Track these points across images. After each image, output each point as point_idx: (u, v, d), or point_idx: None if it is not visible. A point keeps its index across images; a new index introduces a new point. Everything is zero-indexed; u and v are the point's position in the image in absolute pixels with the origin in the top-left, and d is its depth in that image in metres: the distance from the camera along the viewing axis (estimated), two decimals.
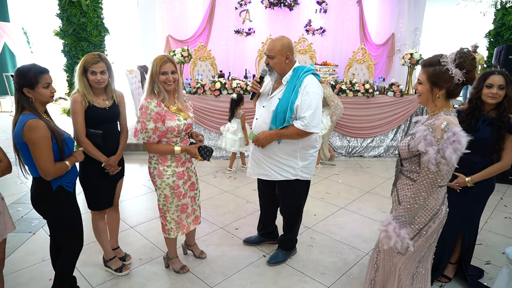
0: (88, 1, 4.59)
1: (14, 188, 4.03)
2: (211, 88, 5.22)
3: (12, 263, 2.71)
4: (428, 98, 1.65)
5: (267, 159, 2.48)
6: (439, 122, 1.52)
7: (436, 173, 1.52)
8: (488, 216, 3.64)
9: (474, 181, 2.20)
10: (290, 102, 2.30)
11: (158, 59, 2.18)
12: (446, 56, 1.56)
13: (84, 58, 2.25)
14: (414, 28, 8.48)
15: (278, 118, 2.33)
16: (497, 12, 6.71)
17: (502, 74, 2.15)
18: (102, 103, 2.31)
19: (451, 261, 2.53)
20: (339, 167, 5.06)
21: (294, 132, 2.31)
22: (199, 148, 2.30)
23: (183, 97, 2.39)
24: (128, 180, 4.46)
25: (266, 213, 2.93)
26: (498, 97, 2.13)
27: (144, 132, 2.17)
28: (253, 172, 2.61)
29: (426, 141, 1.51)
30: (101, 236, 2.57)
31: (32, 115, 1.83)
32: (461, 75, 1.54)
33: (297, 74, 2.36)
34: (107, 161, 2.33)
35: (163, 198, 2.37)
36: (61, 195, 1.98)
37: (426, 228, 1.66)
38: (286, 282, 2.55)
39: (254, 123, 2.50)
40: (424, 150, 1.51)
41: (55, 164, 1.88)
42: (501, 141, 2.14)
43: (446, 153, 1.46)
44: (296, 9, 8.05)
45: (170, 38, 8.01)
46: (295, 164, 2.46)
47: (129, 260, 2.75)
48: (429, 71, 1.61)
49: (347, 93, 5.31)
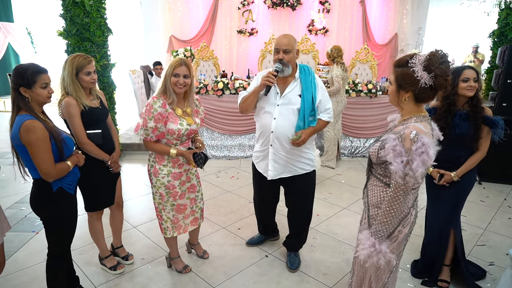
0: (92, 1, 4.60)
1: (18, 187, 4.05)
2: (214, 88, 5.23)
3: (16, 263, 2.72)
4: (395, 99, 1.61)
5: (291, 156, 2.44)
6: (408, 131, 1.45)
7: (403, 185, 1.47)
8: (491, 217, 3.62)
9: (460, 175, 2.31)
10: (312, 97, 2.36)
11: (174, 61, 2.20)
12: (417, 57, 1.48)
13: (72, 60, 2.19)
14: (417, 28, 8.47)
15: (306, 114, 2.34)
16: (501, 12, 6.66)
17: (473, 68, 2.26)
18: (92, 103, 2.32)
19: (446, 263, 2.52)
20: (342, 168, 5.05)
21: (323, 125, 2.44)
22: (194, 154, 2.29)
23: (194, 101, 2.38)
24: (131, 179, 4.47)
25: (267, 209, 2.86)
26: (474, 89, 2.24)
27: (143, 129, 2.19)
28: (276, 173, 2.49)
29: (395, 151, 1.44)
30: (98, 236, 2.58)
31: (29, 116, 1.79)
32: (429, 79, 1.45)
33: (305, 70, 2.43)
34: (111, 158, 2.36)
35: (158, 196, 2.38)
36: (62, 197, 1.95)
37: (397, 233, 1.60)
38: (288, 282, 2.55)
39: (274, 123, 2.36)
40: (393, 161, 1.45)
41: (56, 165, 1.85)
42: (478, 132, 2.25)
43: (413, 165, 1.40)
44: (299, 9, 8.06)
45: (173, 38, 8.03)
46: (311, 155, 2.53)
47: (131, 259, 2.74)
48: (397, 72, 1.55)
49: (350, 93, 5.30)
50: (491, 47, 7.09)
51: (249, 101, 2.43)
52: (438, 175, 2.35)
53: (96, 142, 2.29)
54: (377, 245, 1.55)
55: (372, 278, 1.73)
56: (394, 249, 1.64)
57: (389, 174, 1.57)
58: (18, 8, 10.58)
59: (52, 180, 1.88)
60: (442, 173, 2.34)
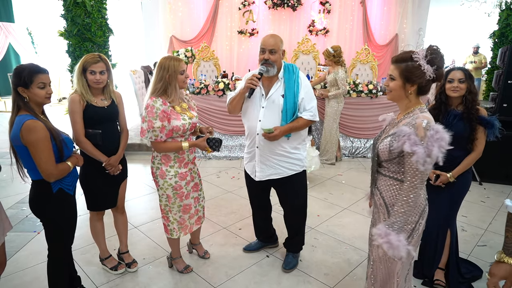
0: (93, 1, 4.61)
1: (19, 187, 4.05)
2: (215, 88, 5.23)
3: (17, 262, 2.73)
4: (400, 94, 1.65)
5: (276, 157, 2.44)
6: (419, 121, 1.52)
7: (423, 172, 1.52)
8: (492, 217, 3.62)
9: (456, 175, 2.32)
10: (295, 96, 2.34)
11: (175, 60, 2.22)
12: (417, 52, 1.57)
13: (84, 58, 2.24)
14: (417, 28, 8.47)
15: (288, 114, 2.34)
16: (502, 13, 6.68)
17: (462, 70, 2.30)
18: (101, 102, 2.31)
19: (440, 266, 2.52)
20: (342, 168, 5.05)
21: (304, 124, 2.38)
22: (208, 140, 2.30)
23: (184, 97, 2.41)
24: (132, 180, 4.47)
25: (263, 217, 2.86)
26: (460, 90, 2.26)
27: (151, 131, 2.17)
28: (263, 174, 2.50)
29: (410, 141, 1.49)
30: (98, 236, 2.58)
31: (29, 116, 1.78)
32: (432, 72, 1.55)
33: (290, 69, 2.43)
34: (108, 161, 2.31)
35: (165, 198, 2.38)
36: (61, 198, 1.94)
37: (417, 226, 1.65)
38: (289, 283, 2.55)
39: (259, 125, 2.38)
40: (410, 150, 1.49)
41: (57, 165, 1.84)
42: (474, 132, 2.26)
43: (433, 151, 1.46)
44: (299, 9, 8.06)
45: (173, 38, 8.04)
46: (301, 155, 2.51)
47: (134, 267, 2.65)
48: (401, 67, 1.60)
49: (351, 94, 5.31)
50: (491, 48, 7.10)
51: (234, 103, 2.46)
52: (434, 175, 2.35)
53: (94, 141, 2.26)
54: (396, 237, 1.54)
55: (399, 275, 1.72)
56: (416, 242, 1.67)
57: (403, 169, 1.60)
58: (19, 8, 10.58)
59: (54, 181, 1.87)
60: (438, 174, 2.35)
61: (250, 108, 2.45)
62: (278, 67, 2.40)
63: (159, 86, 2.21)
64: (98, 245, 2.62)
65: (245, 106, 2.47)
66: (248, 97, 2.40)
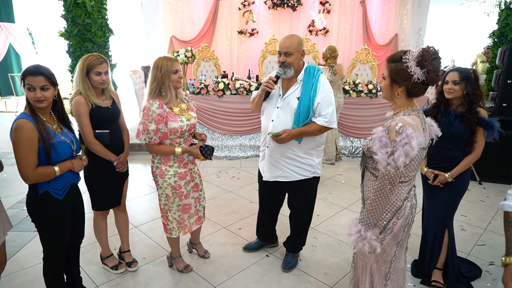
0: (93, 2, 4.62)
1: (20, 187, 4.06)
2: (215, 88, 5.24)
3: (18, 262, 2.74)
4: (388, 94, 1.65)
5: (286, 160, 2.42)
6: (394, 123, 1.52)
7: (387, 174, 1.51)
8: (492, 216, 3.63)
9: (454, 175, 2.32)
10: (311, 100, 2.30)
11: (168, 59, 2.22)
12: (410, 53, 1.54)
13: (85, 59, 2.23)
14: (417, 28, 8.47)
15: (301, 117, 2.30)
16: (501, 13, 6.68)
17: (458, 71, 2.29)
18: (103, 103, 2.33)
19: (438, 266, 2.52)
20: (342, 168, 5.06)
21: (317, 129, 2.32)
22: (200, 147, 2.30)
23: (184, 97, 2.41)
24: (132, 180, 4.47)
25: (268, 218, 2.87)
26: (454, 91, 2.27)
27: (145, 133, 2.19)
28: (271, 175, 2.49)
29: (381, 142, 1.52)
30: (101, 236, 2.60)
31: (25, 115, 1.77)
32: (421, 74, 1.51)
33: (311, 72, 2.38)
34: (118, 159, 2.36)
35: (164, 197, 2.39)
36: (47, 201, 1.88)
37: (391, 224, 1.65)
38: (289, 282, 2.56)
39: (271, 125, 2.37)
40: (378, 151, 1.51)
41: (36, 168, 1.78)
42: (474, 134, 2.26)
43: (395, 155, 1.46)
44: (299, 9, 8.06)
45: (173, 38, 8.04)
46: (313, 161, 2.45)
47: (134, 267, 2.67)
48: (391, 67, 1.60)
49: (350, 94, 5.32)
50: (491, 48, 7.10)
51: (255, 103, 2.53)
52: (433, 175, 2.36)
53: (103, 141, 2.29)
54: (362, 232, 1.60)
55: (373, 269, 1.75)
56: (391, 240, 1.68)
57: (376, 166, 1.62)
58: (19, 8, 10.59)
59: (30, 183, 1.83)
60: (436, 174, 2.35)
61: (267, 107, 2.47)
62: (296, 68, 2.36)
63: (154, 86, 2.22)
64: (101, 244, 2.63)
65: (263, 105, 2.50)
66: (263, 99, 2.41)
